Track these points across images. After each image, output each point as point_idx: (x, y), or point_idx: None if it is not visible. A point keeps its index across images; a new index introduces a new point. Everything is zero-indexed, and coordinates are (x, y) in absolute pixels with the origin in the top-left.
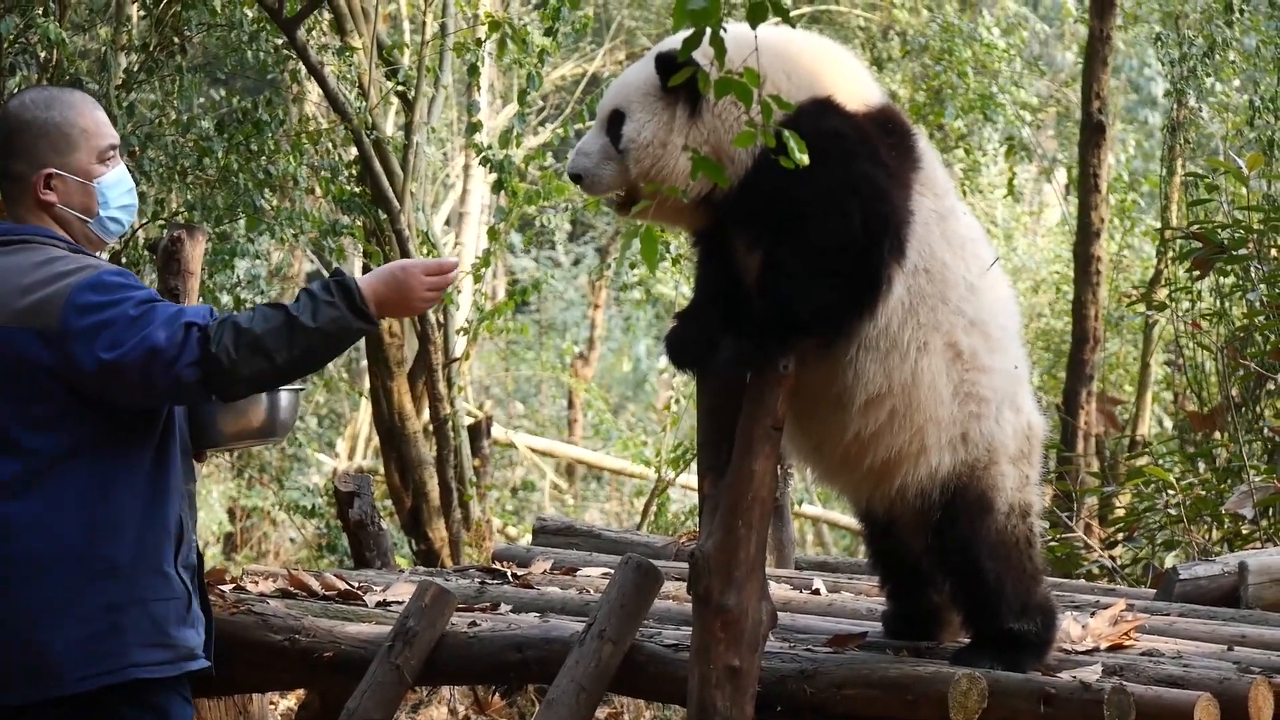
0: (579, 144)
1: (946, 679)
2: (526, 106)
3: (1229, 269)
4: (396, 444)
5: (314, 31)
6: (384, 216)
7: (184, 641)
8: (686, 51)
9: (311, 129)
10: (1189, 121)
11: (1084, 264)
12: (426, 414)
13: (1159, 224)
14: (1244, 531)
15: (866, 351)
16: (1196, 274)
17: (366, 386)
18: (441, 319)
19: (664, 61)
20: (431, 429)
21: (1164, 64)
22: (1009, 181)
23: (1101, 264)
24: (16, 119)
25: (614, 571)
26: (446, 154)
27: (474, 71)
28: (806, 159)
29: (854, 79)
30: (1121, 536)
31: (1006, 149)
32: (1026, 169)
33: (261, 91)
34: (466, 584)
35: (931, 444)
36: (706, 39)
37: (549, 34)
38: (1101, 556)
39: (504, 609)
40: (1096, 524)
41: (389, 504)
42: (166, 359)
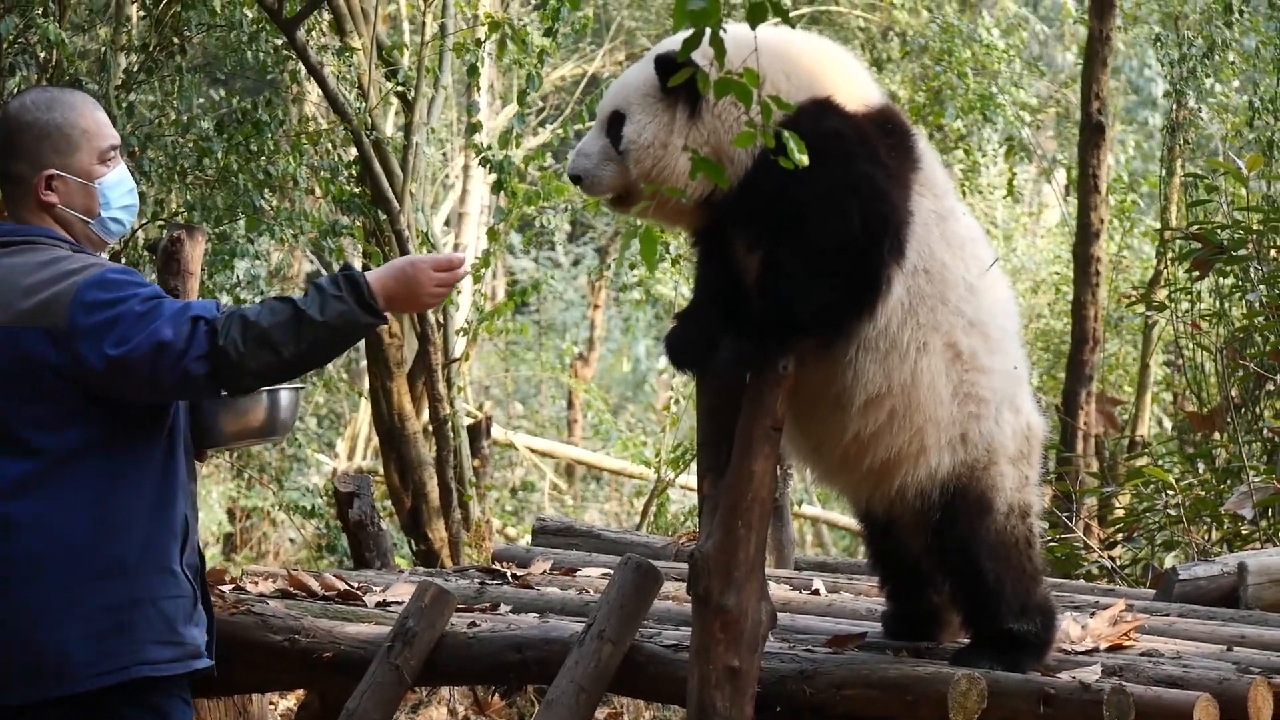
0: (579, 145)
1: (946, 679)
2: (526, 107)
3: (1228, 270)
4: (396, 444)
5: (314, 32)
6: (384, 217)
7: (191, 640)
8: (686, 52)
9: (311, 129)
10: (1188, 122)
11: (1083, 265)
12: (426, 414)
13: (1158, 225)
14: (1243, 532)
15: (866, 352)
16: (1196, 275)
17: (366, 387)
18: (441, 319)
19: (663, 62)
20: (431, 429)
21: (1163, 65)
22: (1008, 182)
23: (1101, 265)
24: (17, 120)
25: (613, 572)
26: (446, 154)
27: (473, 72)
28: (806, 159)
29: (853, 80)
30: (1121, 537)
31: (1006, 150)
32: (1026, 170)
33: (261, 92)
34: (466, 584)
35: (931, 444)
36: (706, 40)
37: (548, 34)
38: (1101, 557)
39: (503, 609)
40: (1096, 524)
41: (388, 504)
42: (175, 353)
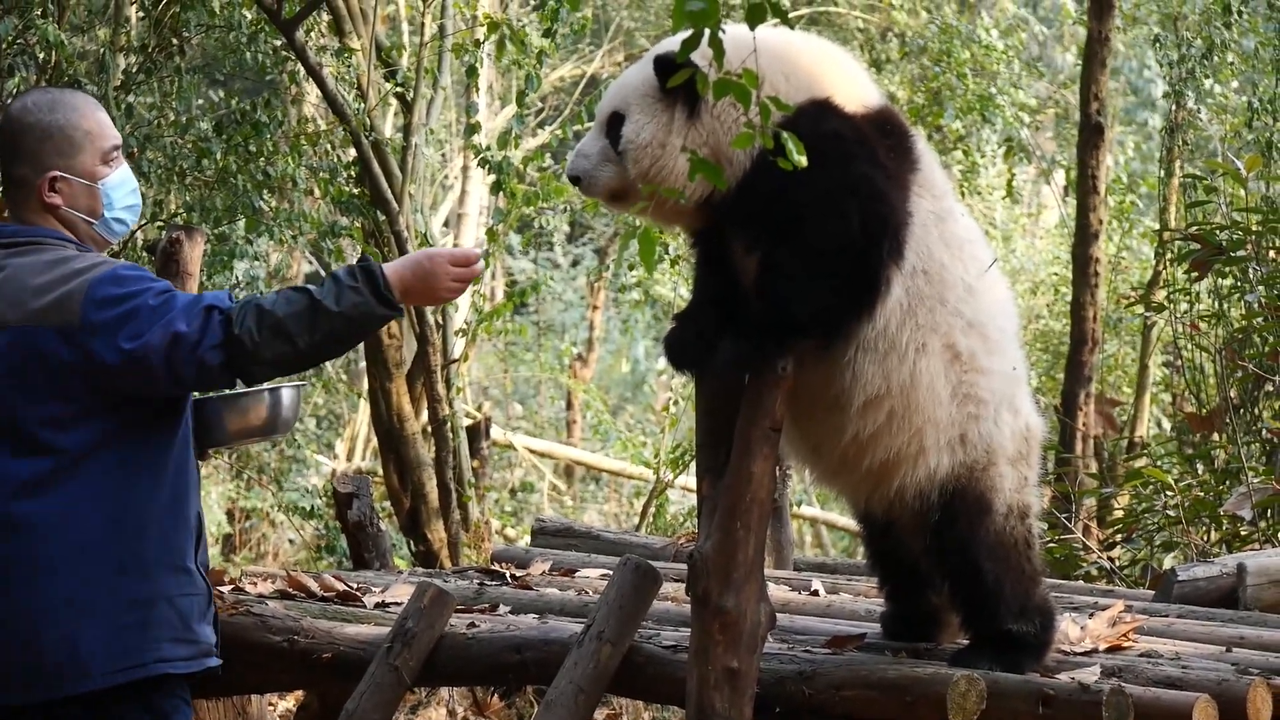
0: (578, 146)
1: (945, 680)
2: (525, 108)
3: (1227, 270)
4: (395, 445)
5: (312, 33)
6: (383, 218)
7: (204, 638)
8: (685, 53)
9: (310, 130)
10: (1187, 123)
11: (1082, 265)
12: (425, 415)
13: (1157, 225)
14: (1242, 533)
15: (865, 353)
16: (1195, 275)
17: (365, 388)
18: (440, 320)
19: (662, 63)
20: (430, 430)
21: (1163, 66)
22: (1007, 183)
23: (1100, 265)
24: (19, 122)
25: (613, 573)
26: (445, 155)
27: (472, 73)
28: (805, 161)
29: (852, 80)
30: (1120, 538)
31: (1005, 150)
32: (1025, 170)
33: (260, 93)
34: (465, 585)
35: (930, 445)
36: (705, 40)
37: (547, 35)
38: (1100, 558)
39: (503, 610)
40: (1095, 525)
41: (387, 505)
42: (190, 344)
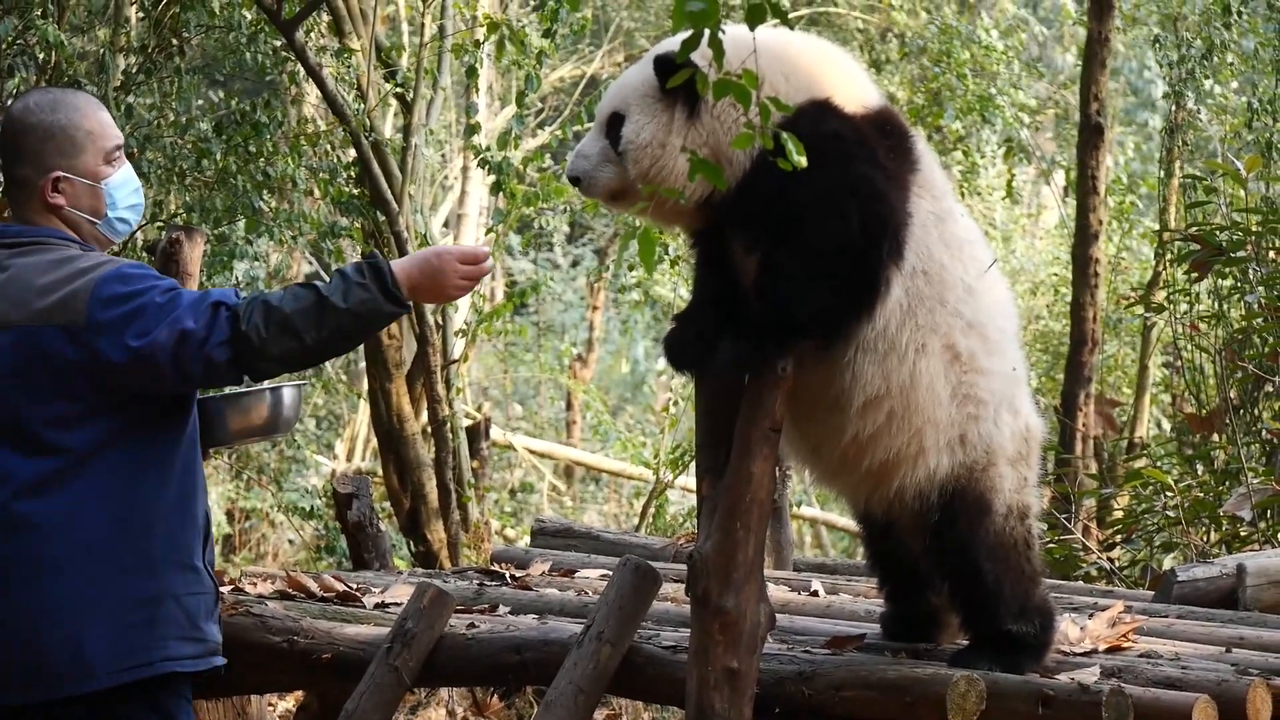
0: (578, 146)
1: (945, 681)
2: (525, 108)
3: (1227, 271)
4: (395, 446)
5: (312, 33)
6: (382, 218)
7: (212, 637)
8: (685, 53)
9: (310, 131)
10: (1187, 124)
11: (1082, 266)
12: (425, 416)
13: (1157, 226)
14: (1242, 533)
15: (864, 353)
16: (1195, 276)
17: (365, 388)
18: (440, 321)
19: (662, 63)
20: (430, 431)
21: (1162, 66)
22: (1007, 184)
23: (1100, 266)
24: (21, 123)
25: (612, 573)
26: (445, 156)
27: (472, 73)
28: (804, 161)
29: (852, 81)
30: (1120, 538)
31: (1005, 151)
32: (1025, 171)
33: (260, 93)
34: (465, 585)
35: (930, 446)
36: (705, 41)
37: (547, 35)
38: (1100, 558)
39: (502, 611)
40: (1095, 526)
41: (387, 505)
42: (197, 340)
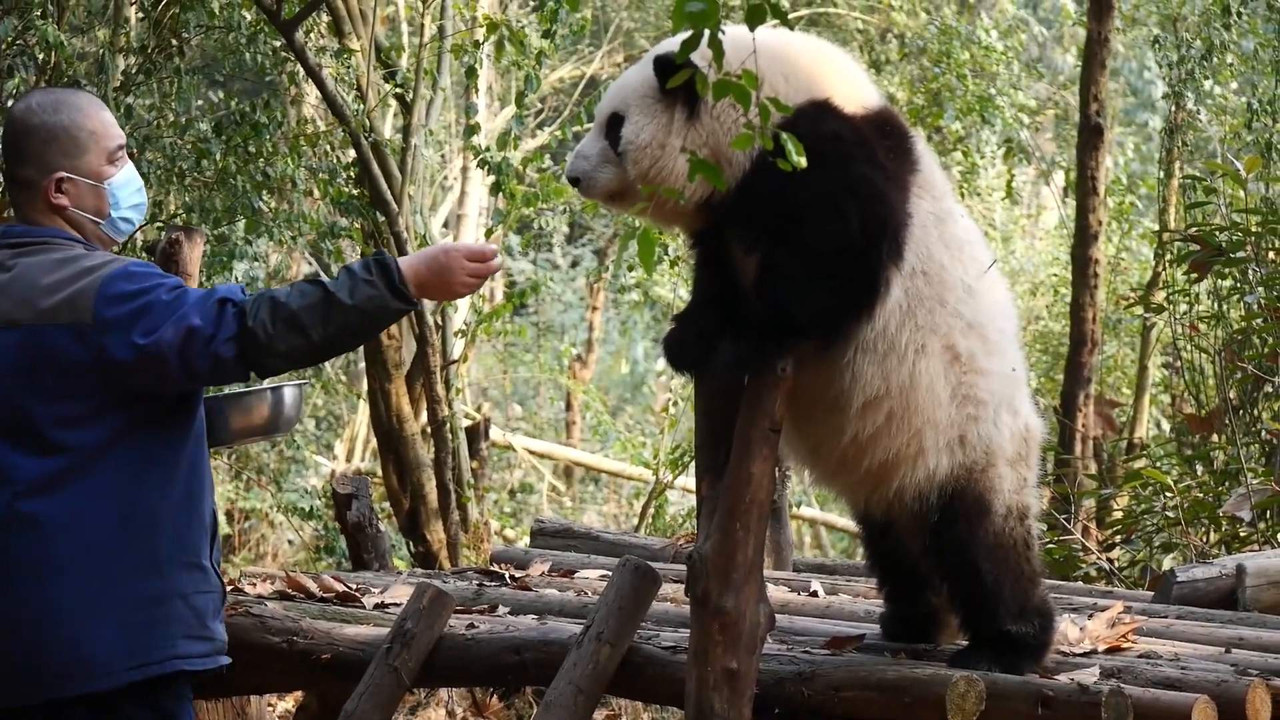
0: (578, 147)
1: (944, 681)
2: (524, 109)
3: (1227, 272)
4: (394, 446)
5: (312, 34)
6: (382, 219)
7: (219, 635)
8: (684, 54)
9: (310, 131)
10: (1187, 124)
11: (1082, 266)
12: (424, 416)
13: (1157, 227)
14: (1241, 534)
15: (864, 354)
16: (1194, 276)
17: (364, 389)
18: (439, 321)
19: (662, 64)
20: (429, 431)
21: (1162, 67)
22: (1007, 184)
23: (1099, 266)
24: (24, 123)
25: (612, 573)
26: (444, 156)
27: (472, 74)
28: (804, 161)
29: (852, 81)
30: (1119, 539)
31: (1005, 152)
32: (1025, 172)
33: (259, 93)
34: (464, 586)
35: (929, 446)
36: (705, 41)
37: (547, 36)
38: (1099, 559)
39: (502, 611)
40: (1094, 526)
41: (387, 506)
42: (204, 337)
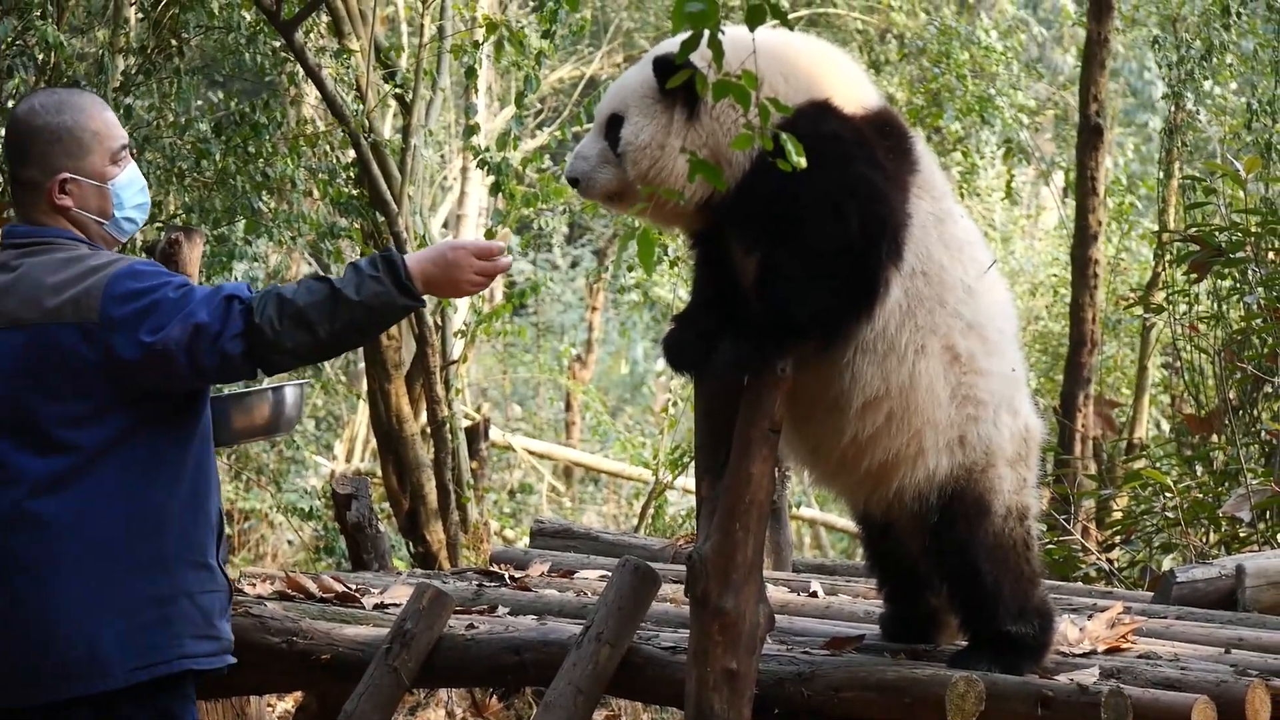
0: (577, 147)
1: (944, 682)
2: (524, 109)
3: (1226, 272)
4: (394, 446)
5: (312, 34)
6: (382, 219)
7: (225, 635)
8: (684, 54)
9: (309, 131)
10: (1187, 124)
11: (1081, 267)
12: (424, 416)
13: (1156, 227)
14: (1241, 534)
15: (864, 354)
16: (1194, 277)
17: (364, 389)
18: (439, 322)
19: (662, 64)
20: (429, 431)
21: (1162, 67)
22: (1007, 184)
23: (1099, 267)
24: (27, 124)
25: (611, 574)
26: (444, 156)
27: (471, 74)
28: (804, 162)
29: (851, 82)
30: (1119, 539)
31: (1004, 152)
32: (1024, 172)
33: (259, 94)
34: (464, 586)
35: (929, 447)
36: (704, 42)
37: (546, 36)
38: (1099, 559)
39: (501, 611)
40: (1094, 527)
41: (386, 506)
42: (211, 334)
